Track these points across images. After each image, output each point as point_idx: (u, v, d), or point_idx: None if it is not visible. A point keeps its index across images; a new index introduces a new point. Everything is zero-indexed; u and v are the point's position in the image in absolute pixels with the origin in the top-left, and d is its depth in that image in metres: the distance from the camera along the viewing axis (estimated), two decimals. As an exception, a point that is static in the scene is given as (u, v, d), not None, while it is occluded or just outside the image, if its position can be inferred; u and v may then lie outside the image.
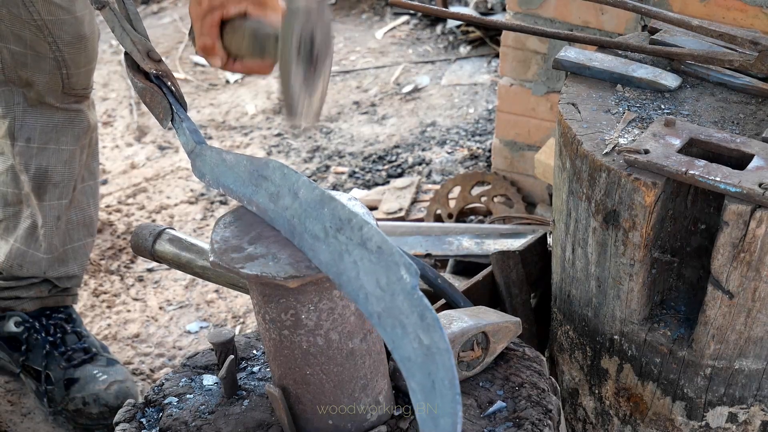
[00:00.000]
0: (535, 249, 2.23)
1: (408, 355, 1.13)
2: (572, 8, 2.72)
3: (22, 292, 2.44)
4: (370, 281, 1.17)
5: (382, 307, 1.15)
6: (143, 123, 3.85)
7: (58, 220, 2.36)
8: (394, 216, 3.05)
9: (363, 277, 1.18)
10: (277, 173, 1.32)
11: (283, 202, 1.31)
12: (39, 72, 2.18)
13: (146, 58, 1.46)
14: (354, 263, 1.19)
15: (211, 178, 1.41)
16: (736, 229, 1.53)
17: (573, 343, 1.91)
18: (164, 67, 1.48)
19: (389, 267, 1.16)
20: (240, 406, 1.50)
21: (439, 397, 1.10)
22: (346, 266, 1.21)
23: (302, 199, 1.28)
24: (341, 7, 4.81)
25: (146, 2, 4.92)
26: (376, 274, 1.17)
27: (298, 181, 1.29)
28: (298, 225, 1.29)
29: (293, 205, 1.29)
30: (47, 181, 2.31)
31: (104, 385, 2.37)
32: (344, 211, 1.22)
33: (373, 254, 1.18)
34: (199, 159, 1.43)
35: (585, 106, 1.79)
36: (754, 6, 2.39)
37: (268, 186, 1.33)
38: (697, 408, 1.77)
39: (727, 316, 1.62)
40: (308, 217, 1.27)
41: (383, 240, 1.17)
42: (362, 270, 1.18)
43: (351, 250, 1.20)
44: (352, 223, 1.21)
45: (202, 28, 1.49)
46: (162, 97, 1.46)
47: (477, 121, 3.73)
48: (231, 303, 2.86)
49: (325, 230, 1.24)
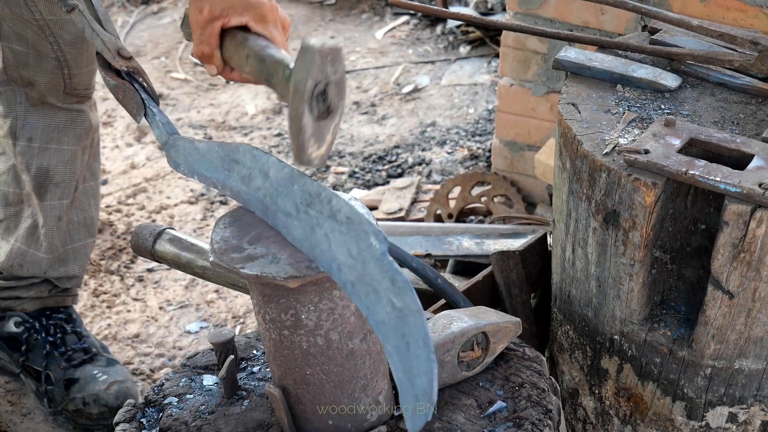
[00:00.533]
0: (535, 249, 2.23)
1: (382, 319, 1.17)
2: (572, 8, 2.72)
3: (23, 292, 2.43)
4: (341, 252, 1.21)
5: (355, 275, 1.20)
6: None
7: (59, 221, 2.36)
8: (394, 216, 3.05)
9: (335, 249, 1.22)
10: (247, 156, 1.35)
11: (255, 183, 1.34)
12: (41, 72, 2.18)
13: (117, 57, 1.49)
14: (325, 236, 1.24)
15: (185, 167, 1.44)
16: (736, 229, 1.53)
17: (573, 343, 1.91)
18: (135, 64, 1.51)
19: (359, 236, 1.20)
20: (240, 406, 1.50)
21: (414, 357, 1.14)
22: (318, 239, 1.25)
23: (273, 178, 1.31)
24: (341, 7, 4.81)
25: (146, 2, 4.92)
26: (346, 244, 1.21)
27: (267, 161, 1.32)
28: (270, 204, 1.32)
29: (265, 185, 1.32)
30: (48, 180, 2.31)
31: (104, 385, 2.37)
32: (313, 186, 1.26)
33: (342, 225, 1.22)
34: (173, 149, 1.46)
35: (585, 106, 1.79)
36: (754, 6, 2.39)
37: (240, 169, 1.36)
38: (697, 408, 1.77)
39: (727, 316, 1.62)
40: (279, 195, 1.31)
41: (352, 210, 1.21)
42: (333, 242, 1.23)
43: (322, 224, 1.24)
44: (321, 196, 1.25)
45: (202, 36, 1.49)
46: (134, 93, 1.49)
47: (477, 121, 3.73)
48: (231, 303, 2.86)
49: (297, 206, 1.28)
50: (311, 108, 1.30)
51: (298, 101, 1.29)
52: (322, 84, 1.29)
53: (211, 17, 1.48)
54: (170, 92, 4.08)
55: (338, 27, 4.64)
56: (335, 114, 1.33)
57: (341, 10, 4.79)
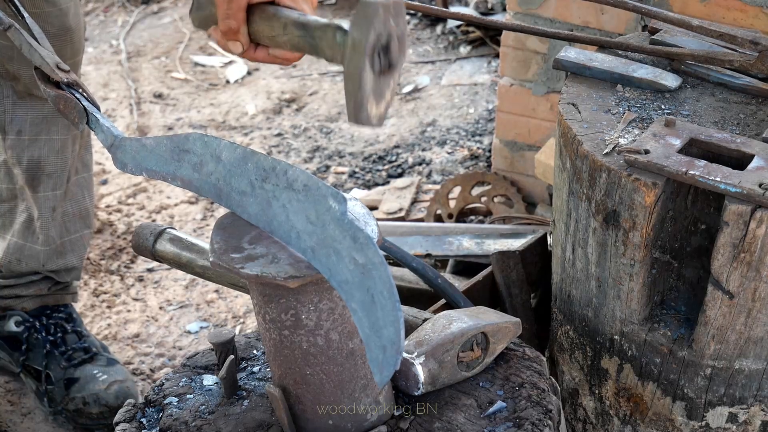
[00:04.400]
0: (535, 249, 2.23)
1: (345, 278, 1.19)
2: (572, 8, 2.72)
3: (22, 290, 2.44)
4: (300, 219, 1.24)
5: (315, 240, 1.22)
6: (144, 123, 3.85)
7: (53, 212, 2.36)
8: (394, 216, 3.05)
9: (293, 218, 1.25)
10: (198, 143, 1.36)
11: (206, 168, 1.35)
12: (25, 65, 2.19)
13: (56, 69, 1.53)
14: (282, 207, 1.26)
15: (133, 165, 1.45)
16: (736, 230, 1.53)
17: (573, 343, 1.91)
18: (73, 77, 1.54)
19: (317, 200, 1.22)
20: (240, 406, 1.50)
21: (380, 309, 1.16)
22: (275, 212, 1.27)
23: (225, 161, 1.32)
24: (341, 7, 4.81)
25: (146, 2, 4.92)
26: (305, 211, 1.23)
27: (219, 145, 1.33)
28: (224, 186, 1.33)
29: (217, 169, 1.34)
30: (41, 171, 2.32)
31: (104, 384, 2.37)
32: (267, 161, 1.27)
33: (300, 193, 1.24)
34: (119, 150, 1.47)
35: (585, 106, 1.79)
36: (754, 6, 2.39)
37: (191, 158, 1.37)
38: (697, 408, 1.77)
39: (728, 316, 1.62)
40: (233, 176, 1.32)
41: (309, 177, 1.23)
42: (291, 211, 1.25)
43: (278, 195, 1.26)
44: (277, 169, 1.26)
45: (229, 10, 1.44)
46: (75, 102, 1.51)
47: (477, 121, 3.73)
48: (231, 303, 2.86)
49: (251, 183, 1.30)
50: (372, 63, 1.27)
51: (360, 55, 1.25)
52: (385, 37, 1.27)
53: None
54: (170, 92, 4.08)
55: (338, 27, 4.64)
56: (395, 70, 1.30)
57: (341, 10, 4.79)
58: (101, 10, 4.88)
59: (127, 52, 4.42)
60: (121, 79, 4.19)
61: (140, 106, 3.98)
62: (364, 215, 1.38)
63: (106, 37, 4.61)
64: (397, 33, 1.28)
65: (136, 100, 4.00)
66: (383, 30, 1.26)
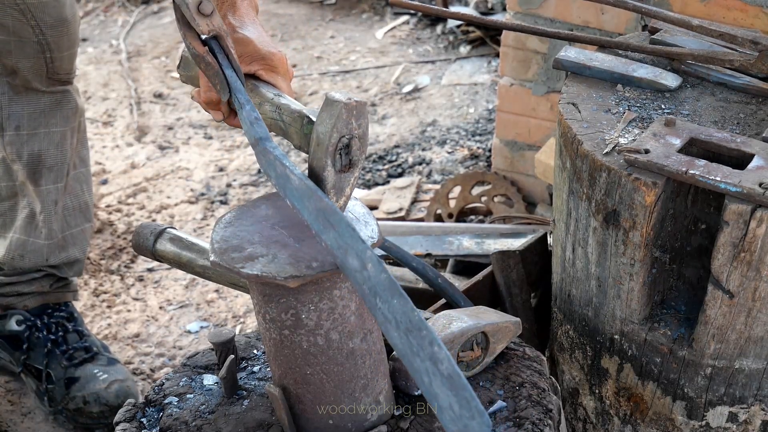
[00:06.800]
0: (536, 249, 2.23)
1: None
2: (572, 8, 2.72)
3: (24, 287, 2.44)
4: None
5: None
6: (143, 123, 3.85)
7: (55, 205, 2.37)
8: (394, 216, 3.05)
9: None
10: (345, 230, 1.19)
11: (348, 259, 1.20)
12: (23, 57, 2.20)
13: (197, 14, 1.31)
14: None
15: (277, 184, 1.29)
16: (736, 229, 1.53)
17: (573, 342, 1.91)
18: (216, 23, 1.34)
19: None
20: (240, 405, 1.50)
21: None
22: None
23: (371, 273, 1.16)
24: (341, 7, 4.81)
25: (146, 2, 4.92)
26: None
27: (372, 255, 1.16)
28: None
29: (363, 274, 1.17)
30: (41, 165, 2.33)
31: (105, 384, 2.37)
32: None
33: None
34: (262, 157, 1.30)
35: (585, 105, 1.79)
36: (755, 6, 2.39)
37: (333, 234, 1.21)
38: (697, 408, 1.77)
39: (728, 316, 1.62)
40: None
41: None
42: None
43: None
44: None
45: (210, 83, 1.45)
46: (216, 73, 1.36)
47: (477, 121, 3.73)
48: (231, 303, 2.86)
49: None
50: (334, 161, 1.30)
51: (322, 153, 1.29)
52: (347, 137, 1.30)
53: None
54: (170, 92, 4.08)
55: (338, 27, 4.64)
56: (356, 168, 1.33)
57: (341, 10, 4.79)
58: (101, 10, 4.88)
59: (127, 52, 4.42)
60: (121, 79, 4.19)
61: (140, 106, 3.98)
62: (364, 215, 1.38)
63: (106, 37, 4.61)
64: (358, 133, 1.31)
65: (136, 100, 4.00)
66: (345, 130, 1.29)
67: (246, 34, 1.48)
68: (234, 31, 1.47)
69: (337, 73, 4.19)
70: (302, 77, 4.15)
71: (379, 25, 4.64)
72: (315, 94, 4.02)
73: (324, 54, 4.39)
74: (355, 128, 1.30)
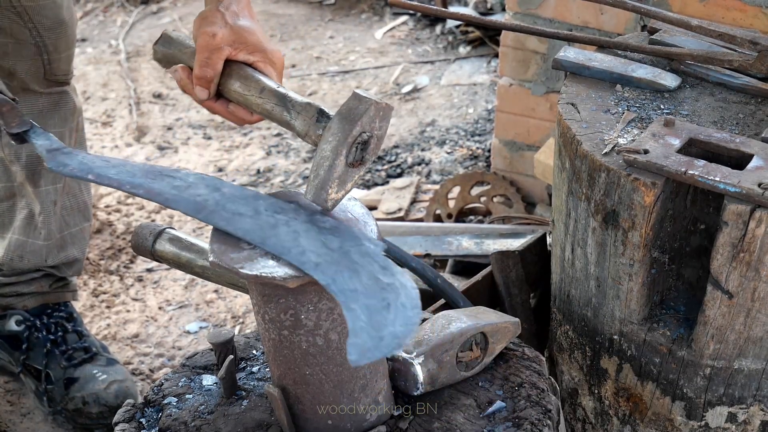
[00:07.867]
0: (535, 249, 2.23)
1: (354, 288, 1.23)
2: (572, 8, 2.72)
3: (23, 288, 2.44)
4: (312, 244, 1.29)
5: (324, 258, 1.27)
6: (143, 123, 3.85)
7: (54, 205, 2.37)
8: (393, 216, 3.05)
9: (304, 242, 1.30)
10: (191, 177, 1.37)
11: (193, 191, 1.36)
12: (21, 59, 2.20)
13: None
14: (294, 232, 1.31)
15: (77, 166, 1.41)
16: (735, 229, 1.53)
17: (572, 343, 1.91)
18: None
19: (346, 238, 1.26)
20: (239, 406, 1.50)
21: (393, 312, 1.20)
22: (280, 233, 1.32)
23: (227, 193, 1.36)
24: (341, 6, 4.81)
25: (146, 2, 4.92)
26: (324, 240, 1.28)
27: (223, 184, 1.35)
28: (213, 206, 1.34)
29: (211, 195, 1.35)
30: (41, 166, 2.33)
31: (104, 384, 2.37)
32: (284, 201, 1.36)
33: (325, 230, 1.28)
34: (67, 156, 1.43)
35: (584, 106, 1.79)
36: (754, 6, 2.39)
37: (172, 180, 1.37)
38: (696, 408, 1.77)
39: (727, 316, 1.62)
40: (231, 202, 1.34)
41: (339, 223, 1.26)
42: (304, 236, 1.30)
43: (293, 225, 1.32)
44: (298, 209, 1.34)
45: (209, 60, 1.50)
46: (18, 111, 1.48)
47: (476, 121, 3.73)
48: (230, 303, 2.86)
49: (256, 210, 1.34)
50: (348, 153, 1.33)
51: (340, 142, 1.32)
52: (367, 134, 1.33)
53: (221, 43, 1.50)
54: (170, 92, 4.08)
55: (338, 27, 4.64)
56: (364, 165, 1.37)
57: (341, 10, 4.79)
58: (101, 10, 4.88)
59: (126, 52, 4.42)
60: (121, 79, 4.19)
61: (139, 106, 3.98)
62: (364, 215, 1.38)
63: (105, 37, 4.61)
64: (378, 134, 1.36)
65: (135, 100, 4.00)
66: (368, 127, 1.33)
67: (250, 24, 1.52)
68: (237, 18, 1.52)
69: (337, 73, 4.19)
70: (301, 77, 4.15)
71: (378, 25, 4.64)
72: (314, 94, 4.02)
73: (323, 54, 4.39)
74: (377, 128, 1.35)
